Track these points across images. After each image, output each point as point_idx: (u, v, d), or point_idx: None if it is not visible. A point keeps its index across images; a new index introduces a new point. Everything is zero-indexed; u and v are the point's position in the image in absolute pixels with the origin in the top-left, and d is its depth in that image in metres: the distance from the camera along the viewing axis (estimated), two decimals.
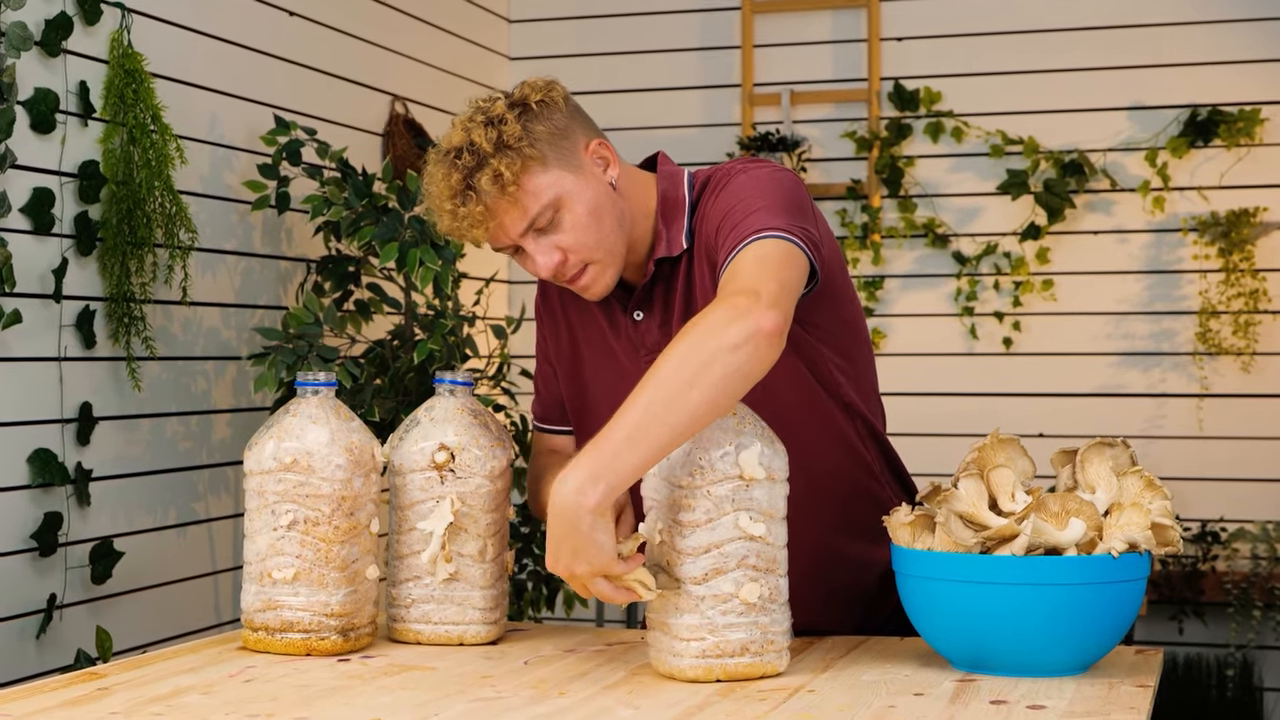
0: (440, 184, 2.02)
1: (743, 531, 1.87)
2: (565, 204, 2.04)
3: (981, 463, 1.92)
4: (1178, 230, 4.80)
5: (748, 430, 1.89)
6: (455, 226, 2.04)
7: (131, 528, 3.38)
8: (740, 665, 1.88)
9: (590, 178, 2.07)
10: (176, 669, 1.98)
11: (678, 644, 1.88)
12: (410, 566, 2.16)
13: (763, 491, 1.88)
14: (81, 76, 3.21)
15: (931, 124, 4.95)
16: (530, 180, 2.02)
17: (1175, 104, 4.80)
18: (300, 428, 2.08)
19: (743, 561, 1.87)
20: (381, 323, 4.18)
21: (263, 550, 2.08)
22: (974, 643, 1.88)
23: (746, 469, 1.87)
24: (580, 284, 2.10)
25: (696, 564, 1.87)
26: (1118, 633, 1.90)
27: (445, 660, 2.05)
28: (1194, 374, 4.77)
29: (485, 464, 2.14)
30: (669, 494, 1.89)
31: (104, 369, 3.30)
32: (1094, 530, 1.86)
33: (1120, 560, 1.84)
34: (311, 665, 2.01)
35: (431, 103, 4.75)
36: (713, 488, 1.86)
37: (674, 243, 2.14)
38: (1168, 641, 4.76)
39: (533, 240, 2.05)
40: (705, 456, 1.86)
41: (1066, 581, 1.83)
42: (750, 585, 1.87)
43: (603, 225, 2.07)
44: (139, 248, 3.28)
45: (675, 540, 1.88)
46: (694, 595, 1.87)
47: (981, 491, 1.90)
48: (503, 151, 1.99)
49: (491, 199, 2.00)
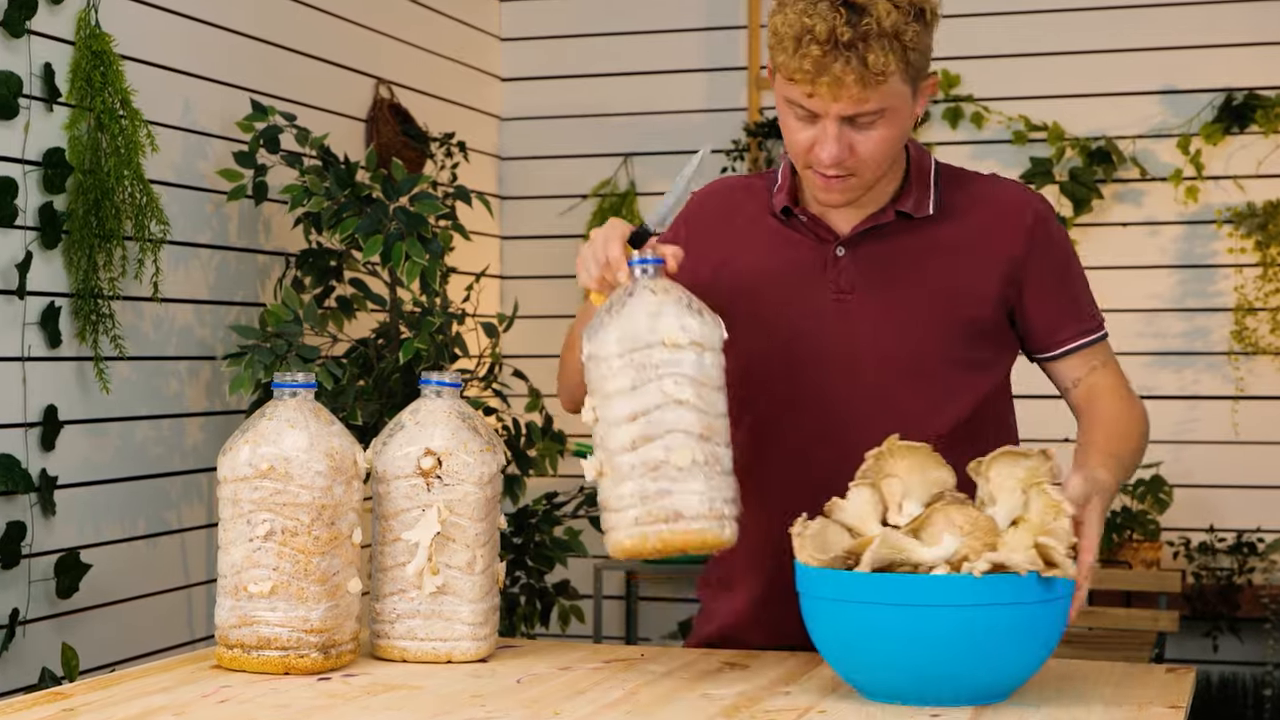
0: (820, 23, 2.04)
1: (667, 396, 1.93)
2: (890, 116, 2.10)
3: (874, 472, 1.91)
4: (1212, 222, 4.80)
5: (670, 302, 1.97)
6: (796, 66, 2.06)
7: (99, 538, 3.38)
8: (675, 532, 1.92)
9: (914, 107, 2.15)
10: (147, 689, 1.98)
11: (612, 516, 1.95)
12: (395, 579, 2.16)
13: (691, 357, 1.95)
14: (46, 58, 3.21)
15: (950, 109, 4.95)
16: (894, 81, 2.07)
17: (1209, 88, 4.81)
18: (278, 432, 2.08)
19: (673, 427, 1.93)
20: (365, 320, 4.18)
21: (238, 562, 2.08)
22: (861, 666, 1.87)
23: (666, 335, 1.94)
24: (833, 185, 2.14)
25: (624, 431, 1.93)
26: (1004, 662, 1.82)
27: (432, 679, 2.05)
28: (1229, 375, 4.77)
29: (474, 470, 2.14)
30: (597, 370, 1.97)
31: (70, 370, 3.30)
32: (983, 547, 1.80)
33: (988, 581, 1.76)
34: (290, 685, 2.01)
35: (418, 86, 4.75)
36: (634, 354, 1.94)
37: (921, 205, 2.22)
38: (1201, 660, 4.76)
39: (835, 126, 2.10)
40: (628, 327, 1.95)
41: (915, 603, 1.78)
42: (681, 451, 1.92)
43: (895, 152, 2.15)
44: (107, 240, 3.29)
45: (604, 413, 1.95)
46: (625, 465, 1.93)
47: (873, 502, 1.89)
48: (897, 40, 2.05)
49: (857, 73, 2.04)
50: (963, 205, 2.24)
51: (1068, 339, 2.25)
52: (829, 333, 2.21)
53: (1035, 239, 2.23)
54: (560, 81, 5.33)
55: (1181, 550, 4.75)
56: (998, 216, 2.23)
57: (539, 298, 5.24)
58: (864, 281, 2.21)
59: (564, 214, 5.33)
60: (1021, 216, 2.23)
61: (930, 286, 2.20)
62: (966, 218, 2.23)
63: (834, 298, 2.20)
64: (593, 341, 1.97)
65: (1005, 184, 2.30)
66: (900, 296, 2.19)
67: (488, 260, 5.14)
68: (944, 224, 2.23)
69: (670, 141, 5.23)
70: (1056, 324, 2.25)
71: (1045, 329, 2.25)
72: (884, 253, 2.22)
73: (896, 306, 2.19)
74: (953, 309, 2.19)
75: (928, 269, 2.21)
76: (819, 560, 1.85)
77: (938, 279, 2.20)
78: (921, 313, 2.19)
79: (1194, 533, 4.79)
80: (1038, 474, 1.88)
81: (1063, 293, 2.25)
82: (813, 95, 2.08)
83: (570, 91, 5.31)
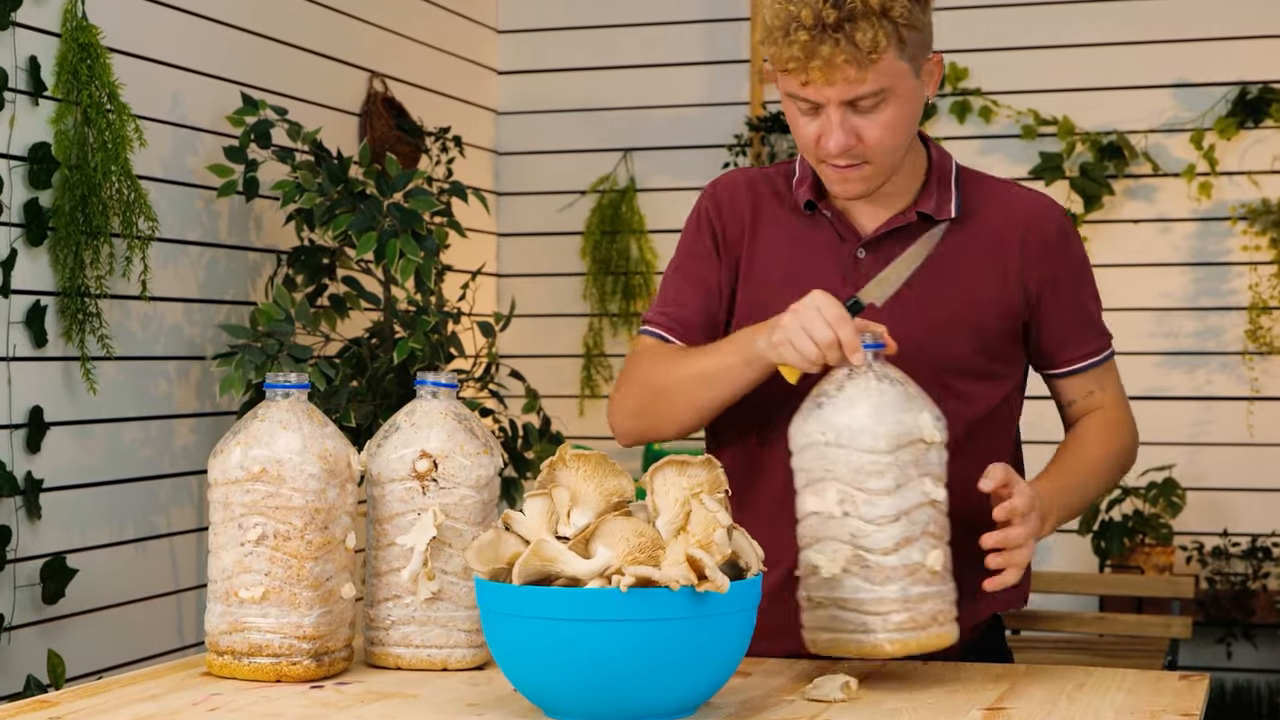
0: (805, 9, 2.05)
1: (927, 496, 1.95)
2: (893, 98, 2.10)
3: (549, 481, 1.89)
4: (1226, 219, 4.80)
5: (915, 394, 1.97)
6: (787, 54, 2.07)
7: (86, 543, 3.38)
8: (930, 636, 1.96)
9: (920, 86, 2.15)
10: (135, 696, 1.98)
11: (872, 620, 1.94)
12: (389, 585, 2.16)
13: (937, 455, 1.97)
14: (32, 51, 3.21)
15: (957, 103, 4.96)
16: (888, 59, 2.07)
17: (1223, 81, 4.81)
18: (270, 434, 2.08)
19: (926, 528, 1.95)
20: (358, 319, 4.18)
21: (229, 567, 2.08)
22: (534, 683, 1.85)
23: (925, 432, 1.95)
24: (848, 176, 2.15)
25: (888, 533, 1.93)
26: (667, 679, 1.78)
27: (428, 687, 2.05)
28: (1244, 375, 4.77)
29: (471, 473, 2.14)
30: (849, 461, 1.94)
31: (56, 370, 3.30)
32: (646, 560, 1.78)
33: (634, 596, 1.74)
34: (282, 692, 2.01)
35: (413, 79, 4.75)
36: (900, 452, 1.93)
37: (943, 206, 2.23)
38: (1215, 667, 4.76)
39: (838, 113, 2.10)
40: (886, 422, 1.93)
41: (557, 617, 1.75)
42: (935, 553, 1.95)
43: (906, 135, 2.15)
44: (94, 238, 3.29)
45: (862, 510, 1.93)
46: (887, 566, 1.93)
47: (545, 512, 1.87)
48: (886, 17, 2.06)
49: (848, 54, 2.05)
50: (985, 210, 2.24)
51: (1076, 358, 2.27)
52: None
53: (1057, 252, 2.23)
54: (558, 74, 5.34)
55: (1195, 555, 4.76)
56: (1021, 226, 2.23)
57: (536, 296, 5.24)
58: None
59: (562, 210, 5.33)
60: (1045, 228, 2.24)
61: (950, 294, 2.20)
62: (988, 224, 2.23)
63: (850, 302, 2.20)
64: (831, 428, 1.94)
65: (1029, 193, 2.30)
66: (919, 304, 2.19)
67: (484, 258, 5.14)
68: (966, 228, 2.23)
69: (671, 136, 5.23)
70: (1067, 341, 2.26)
71: (1055, 345, 2.26)
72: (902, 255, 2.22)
73: (915, 314, 2.18)
74: (970, 318, 2.20)
75: (948, 276, 2.21)
76: (481, 571, 1.84)
77: (958, 287, 2.20)
78: (939, 321, 2.19)
79: (1207, 537, 4.79)
80: (699, 483, 1.86)
81: (1078, 309, 2.26)
82: (808, 83, 2.08)
83: (569, 85, 5.31)
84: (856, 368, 1.96)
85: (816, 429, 1.94)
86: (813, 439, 1.95)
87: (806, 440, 1.96)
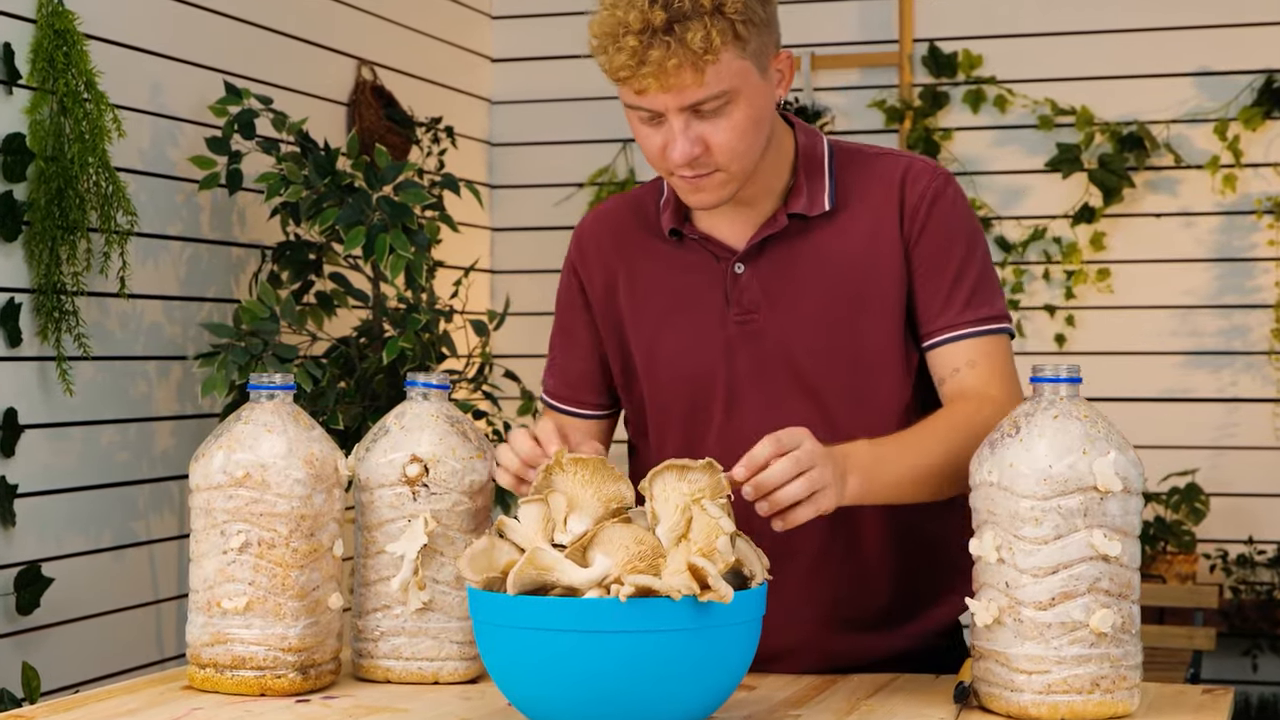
0: (632, 13, 2.03)
1: (1095, 550, 1.88)
2: (738, 100, 2.08)
3: (544, 487, 1.89)
4: (1251, 212, 4.80)
5: (1101, 435, 1.90)
6: (618, 63, 2.05)
7: (62, 551, 3.39)
8: (1089, 704, 1.88)
9: (768, 85, 2.13)
10: (113, 711, 1.98)
11: (1018, 677, 1.89)
12: (378, 595, 2.16)
13: (1117, 505, 1.89)
14: (5, 38, 3.22)
15: (971, 92, 4.96)
16: (726, 59, 2.05)
17: (1248, 69, 4.81)
18: (254, 437, 2.08)
19: (1094, 585, 1.88)
20: (346, 318, 4.18)
21: (211, 576, 2.08)
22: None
23: (1101, 479, 1.88)
24: (700, 185, 2.12)
25: (1043, 586, 1.88)
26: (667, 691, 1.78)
27: (418, 701, 2.05)
28: (1270, 375, 4.78)
29: (463, 478, 2.15)
30: (1008, 505, 1.89)
31: (31, 370, 3.30)
32: (646, 568, 1.78)
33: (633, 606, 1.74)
34: (266, 707, 2.01)
35: (402, 68, 4.75)
36: (1062, 499, 1.87)
37: (815, 201, 2.20)
38: (1240, 680, 4.76)
39: (682, 120, 2.08)
40: (1055, 464, 1.87)
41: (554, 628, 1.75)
42: (1103, 612, 1.87)
43: (757, 138, 2.12)
44: (71, 232, 3.29)
45: (1017, 559, 1.89)
46: (1038, 622, 1.88)
47: (541, 519, 1.86)
48: (719, 15, 2.03)
49: (680, 57, 2.03)
50: (860, 190, 2.20)
51: (940, 329, 2.17)
52: (738, 359, 2.19)
53: (919, 214, 2.18)
54: (555, 62, 5.34)
55: (1219, 563, 4.76)
56: (887, 195, 2.19)
57: (532, 293, 5.24)
58: (768, 298, 2.18)
59: (559, 204, 5.33)
60: (915, 188, 2.18)
61: (838, 292, 2.17)
62: (864, 204, 2.19)
63: (738, 320, 2.18)
64: (996, 468, 1.90)
65: (897, 158, 2.24)
66: (809, 309, 2.16)
67: (477, 253, 5.14)
68: (842, 216, 2.19)
69: None
70: (934, 309, 2.18)
71: (921, 312, 2.18)
72: (785, 262, 2.18)
73: (807, 321, 2.16)
74: (865, 311, 2.16)
75: (832, 273, 2.17)
76: (474, 580, 1.84)
77: (845, 282, 2.16)
78: (834, 322, 2.16)
79: (1232, 544, 4.80)
80: (700, 489, 1.85)
81: (946, 274, 2.17)
82: (642, 91, 2.05)
83: (565, 73, 5.31)
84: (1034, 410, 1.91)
85: (986, 469, 1.91)
86: (982, 478, 1.92)
87: (978, 480, 1.93)
